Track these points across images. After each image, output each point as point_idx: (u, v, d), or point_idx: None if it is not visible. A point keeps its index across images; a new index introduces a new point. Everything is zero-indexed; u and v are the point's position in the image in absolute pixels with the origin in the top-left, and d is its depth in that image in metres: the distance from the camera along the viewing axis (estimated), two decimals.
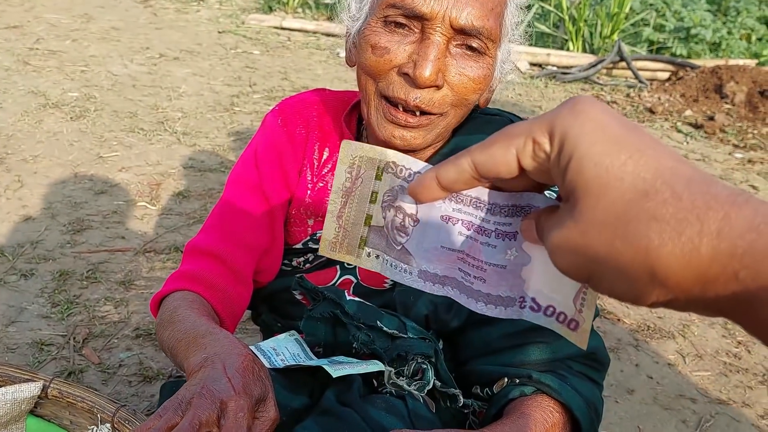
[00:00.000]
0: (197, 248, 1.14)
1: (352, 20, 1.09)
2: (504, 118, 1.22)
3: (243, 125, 3.86)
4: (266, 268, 1.18)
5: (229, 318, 1.11)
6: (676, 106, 5.30)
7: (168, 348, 0.98)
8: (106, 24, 5.63)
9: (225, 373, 0.78)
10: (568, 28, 6.49)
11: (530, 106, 5.04)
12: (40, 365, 1.89)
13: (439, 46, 0.98)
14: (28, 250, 2.44)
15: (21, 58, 4.50)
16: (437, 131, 1.07)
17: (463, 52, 1.01)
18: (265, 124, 1.21)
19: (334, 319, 1.04)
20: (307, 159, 1.19)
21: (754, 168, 4.36)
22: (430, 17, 0.97)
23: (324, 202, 1.17)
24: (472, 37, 0.99)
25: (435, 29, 0.98)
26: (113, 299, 2.23)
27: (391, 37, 1.01)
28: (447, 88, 1.02)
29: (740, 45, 6.79)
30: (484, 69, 1.03)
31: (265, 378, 0.82)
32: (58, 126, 3.53)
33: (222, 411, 0.75)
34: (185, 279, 1.10)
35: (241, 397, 0.76)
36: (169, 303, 1.06)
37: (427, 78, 0.97)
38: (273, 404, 0.80)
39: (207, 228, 1.17)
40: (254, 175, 1.17)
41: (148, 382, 1.89)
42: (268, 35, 6.02)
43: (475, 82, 1.03)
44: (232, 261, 1.12)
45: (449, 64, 1.00)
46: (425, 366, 1.04)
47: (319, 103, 1.22)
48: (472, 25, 0.98)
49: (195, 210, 2.89)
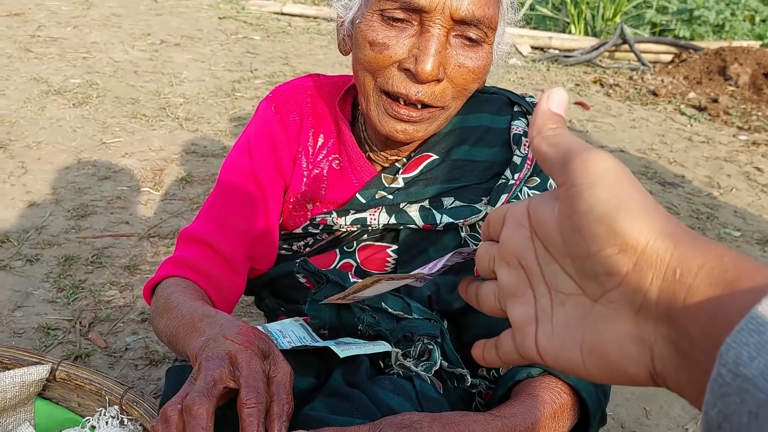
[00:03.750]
0: (190, 236, 1.14)
1: (345, 8, 1.07)
2: (501, 96, 1.21)
3: (245, 110, 3.85)
4: (261, 255, 1.18)
5: (223, 305, 1.12)
6: (679, 89, 5.28)
7: (166, 336, 0.98)
8: (107, 11, 5.61)
9: (226, 338, 0.79)
10: (570, 11, 6.45)
11: (532, 89, 5.02)
12: (46, 349, 1.90)
13: (440, 39, 0.96)
14: (33, 236, 2.44)
15: (23, 46, 4.49)
16: (438, 122, 1.07)
17: (462, 42, 0.99)
18: (259, 112, 1.20)
19: None
20: (301, 146, 1.18)
21: (758, 150, 4.34)
22: (429, 9, 0.95)
23: (320, 188, 1.17)
24: (472, 26, 0.97)
25: (434, 21, 0.96)
26: (118, 284, 2.24)
27: (389, 32, 0.98)
28: (447, 81, 1.00)
29: (744, 26, 6.76)
30: (483, 59, 1.02)
31: (266, 338, 0.83)
32: (61, 112, 3.53)
33: (233, 365, 0.75)
34: (178, 265, 1.10)
35: (248, 348, 0.77)
36: (163, 290, 1.06)
37: (430, 73, 0.96)
38: (281, 359, 0.81)
39: (200, 216, 1.17)
40: (247, 163, 1.16)
41: (154, 366, 1.90)
42: (269, 20, 5.99)
43: (475, 73, 1.01)
44: (225, 248, 1.12)
45: (449, 56, 0.99)
46: (432, 346, 1.04)
47: (313, 89, 1.21)
48: (473, 14, 0.96)
49: (198, 195, 2.89)
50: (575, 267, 0.46)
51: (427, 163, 1.14)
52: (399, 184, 1.13)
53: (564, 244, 0.46)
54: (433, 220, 1.11)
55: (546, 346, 0.50)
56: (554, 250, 0.48)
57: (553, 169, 0.48)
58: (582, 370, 0.47)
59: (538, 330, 0.51)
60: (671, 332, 0.41)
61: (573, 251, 0.46)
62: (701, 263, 0.39)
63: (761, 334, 0.34)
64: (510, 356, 0.55)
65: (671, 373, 0.41)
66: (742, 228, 3.32)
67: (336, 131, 1.19)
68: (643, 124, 4.61)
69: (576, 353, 0.47)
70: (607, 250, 0.42)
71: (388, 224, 1.12)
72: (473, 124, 1.16)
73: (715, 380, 0.35)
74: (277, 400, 0.77)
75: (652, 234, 0.41)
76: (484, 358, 0.59)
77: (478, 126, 1.15)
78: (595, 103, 4.91)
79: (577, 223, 0.44)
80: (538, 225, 0.50)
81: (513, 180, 1.11)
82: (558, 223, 0.47)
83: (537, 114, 0.51)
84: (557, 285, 0.49)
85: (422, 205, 1.12)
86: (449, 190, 1.12)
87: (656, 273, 0.41)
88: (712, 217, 3.40)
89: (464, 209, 1.11)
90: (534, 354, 0.51)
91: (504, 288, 0.55)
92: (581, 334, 0.47)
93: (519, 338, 0.53)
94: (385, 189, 1.13)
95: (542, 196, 0.50)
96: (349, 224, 1.13)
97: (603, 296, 0.44)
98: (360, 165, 1.16)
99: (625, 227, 0.41)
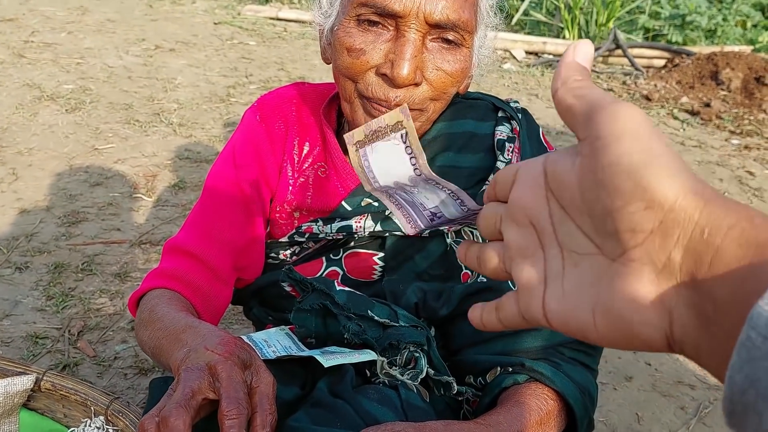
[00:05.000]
0: (175, 246, 1.14)
1: (324, 17, 1.08)
2: (486, 101, 1.21)
3: (239, 116, 3.84)
4: (248, 265, 1.18)
5: (209, 316, 1.11)
6: (672, 93, 5.29)
7: (149, 348, 0.97)
8: (101, 16, 5.60)
9: (206, 349, 0.78)
10: (564, 16, 6.47)
11: (527, 94, 5.03)
12: (34, 359, 1.89)
13: (415, 43, 0.96)
14: (23, 243, 2.43)
15: (16, 51, 4.48)
16: (419, 123, 1.07)
17: (440, 45, 1.00)
18: (244, 121, 1.20)
19: (324, 309, 1.04)
20: (287, 155, 1.18)
21: (750, 154, 4.35)
22: (404, 14, 0.95)
23: (306, 197, 1.17)
24: (448, 30, 0.97)
25: (410, 26, 0.96)
26: (108, 291, 2.23)
27: (366, 37, 0.99)
28: (425, 84, 1.01)
29: (736, 32, 6.78)
30: (461, 62, 1.02)
31: (248, 348, 0.83)
32: (54, 118, 3.52)
33: (213, 376, 0.75)
34: (163, 277, 1.10)
35: (228, 359, 0.77)
36: (147, 301, 1.06)
37: (406, 77, 0.96)
38: (264, 368, 0.80)
39: (186, 226, 1.17)
40: (232, 172, 1.16)
41: (143, 375, 1.89)
42: (264, 26, 6.00)
43: (453, 76, 1.02)
44: (210, 259, 1.12)
45: (426, 60, 0.99)
46: (418, 354, 1.03)
47: (298, 97, 1.21)
48: (447, 18, 0.96)
49: (191, 201, 2.88)
50: (594, 225, 0.44)
51: None
52: None
53: (583, 200, 0.45)
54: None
55: (554, 308, 0.48)
56: (572, 208, 0.46)
57: (576, 121, 0.46)
58: (593, 333, 0.45)
59: (547, 291, 0.49)
60: (694, 295, 0.39)
61: (594, 208, 0.44)
62: (732, 223, 0.38)
63: None
64: (512, 319, 0.53)
65: (691, 339, 0.40)
66: None
67: (321, 139, 1.18)
68: None
69: (587, 315, 0.45)
70: (632, 206, 0.40)
71: (374, 231, 1.12)
72: (458, 130, 1.16)
73: (743, 344, 0.33)
74: (260, 410, 0.77)
75: (682, 191, 0.39)
76: (483, 322, 0.56)
77: (462, 132, 1.16)
78: None
79: (600, 177, 0.42)
80: (554, 181, 0.48)
81: None
82: (579, 178, 0.45)
83: (562, 65, 0.49)
84: (572, 245, 0.47)
85: None
86: None
87: (683, 232, 0.39)
88: None
89: None
90: (540, 317, 0.49)
91: (511, 248, 0.52)
92: (595, 295, 0.45)
93: (524, 300, 0.51)
94: (371, 196, 1.13)
95: (561, 152, 0.49)
96: (335, 232, 1.13)
97: (623, 255, 0.42)
98: (345, 172, 1.16)
99: (654, 182, 0.40)
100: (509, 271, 0.53)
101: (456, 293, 1.08)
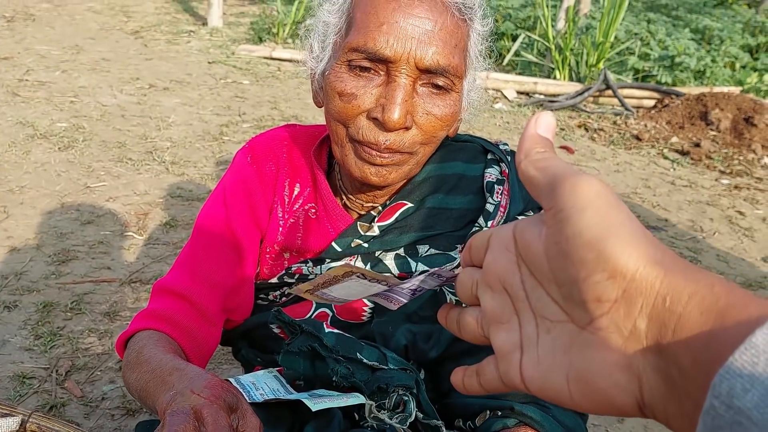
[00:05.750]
0: (164, 288, 1.13)
1: (316, 61, 1.09)
2: (475, 144, 1.22)
3: (232, 154, 3.86)
4: (237, 307, 1.17)
5: (197, 358, 1.11)
6: (662, 133, 5.35)
7: (136, 391, 0.96)
8: (96, 55, 5.66)
9: (192, 392, 0.78)
10: (555, 57, 6.56)
11: (518, 133, 5.07)
12: (21, 399, 1.86)
13: (406, 88, 0.98)
14: (12, 282, 2.42)
15: (10, 90, 4.51)
16: (410, 167, 1.08)
17: (429, 90, 1.01)
18: (235, 162, 1.21)
19: (313, 352, 1.03)
20: (277, 196, 1.18)
21: (740, 194, 4.39)
22: (394, 60, 0.97)
23: (296, 238, 1.17)
24: (438, 75, 0.99)
25: (400, 71, 0.97)
26: (97, 331, 2.21)
27: (357, 82, 1.00)
28: (415, 128, 1.02)
29: (724, 73, 6.88)
30: (450, 106, 1.03)
31: (235, 391, 0.82)
32: (46, 156, 3.53)
33: (198, 420, 0.74)
34: (151, 318, 1.09)
35: (214, 403, 0.76)
36: (135, 343, 1.05)
37: (396, 122, 0.97)
38: (250, 412, 0.79)
39: (175, 267, 1.16)
40: (222, 213, 1.16)
41: (131, 416, 1.87)
42: (258, 65, 6.06)
43: (443, 120, 1.03)
44: (199, 300, 1.11)
45: (416, 104, 1.00)
46: (407, 398, 1.02)
47: (289, 139, 1.22)
48: (438, 64, 0.97)
49: (182, 239, 2.87)
50: (562, 293, 0.45)
51: (402, 211, 1.14)
52: (374, 232, 1.14)
53: (551, 269, 0.45)
54: (408, 268, 1.11)
55: (531, 374, 0.48)
56: (541, 276, 0.47)
57: (540, 193, 0.47)
58: (568, 399, 0.46)
59: (523, 357, 0.49)
60: (660, 362, 0.40)
61: (560, 277, 0.45)
62: (692, 291, 0.38)
63: (755, 365, 0.33)
64: (492, 384, 0.53)
65: (660, 403, 0.40)
66: (726, 272, 3.33)
67: (312, 180, 1.19)
68: (627, 168, 4.65)
69: (562, 382, 0.46)
70: (595, 276, 0.41)
71: None
72: (447, 172, 1.17)
73: (707, 412, 0.34)
74: None
75: (642, 261, 0.40)
76: (464, 386, 0.57)
77: (452, 174, 1.17)
78: (579, 147, 4.96)
79: (564, 248, 0.43)
80: (524, 249, 0.49)
81: (486, 227, 1.12)
82: (545, 248, 0.46)
83: (525, 138, 0.51)
84: (543, 311, 0.48)
85: (397, 253, 1.13)
86: (424, 238, 1.13)
87: (646, 300, 0.40)
88: (696, 261, 3.41)
89: (439, 257, 1.12)
90: (518, 382, 0.50)
91: (488, 314, 0.53)
92: (567, 362, 0.45)
93: (503, 366, 0.51)
94: (361, 237, 1.14)
95: (528, 221, 0.50)
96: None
97: (591, 323, 0.43)
98: (336, 213, 1.16)
99: (615, 253, 0.41)
100: (487, 336, 0.54)
101: (445, 335, 1.08)
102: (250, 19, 7.77)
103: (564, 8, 7.01)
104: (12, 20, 6.41)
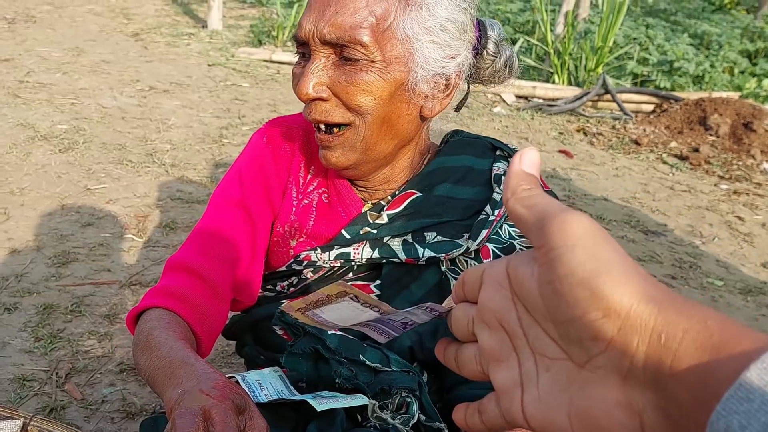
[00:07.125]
0: (176, 263, 1.14)
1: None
2: (483, 141, 1.24)
3: (231, 156, 3.86)
4: (246, 283, 1.17)
5: (206, 335, 1.11)
6: (661, 138, 5.36)
7: (145, 374, 0.97)
8: (96, 57, 5.66)
9: (201, 392, 0.78)
10: (554, 61, 6.58)
11: (517, 137, 5.08)
12: (21, 401, 1.86)
13: (315, 62, 1.03)
14: (12, 284, 2.42)
15: (11, 91, 4.51)
16: (357, 145, 1.08)
17: (342, 62, 1.04)
18: (251, 143, 1.23)
19: (316, 353, 1.04)
20: (292, 176, 1.21)
21: (740, 199, 4.40)
22: (306, 39, 1.03)
23: (308, 219, 1.19)
24: (343, 47, 1.02)
25: (313, 49, 1.04)
26: (97, 333, 2.21)
27: (298, 67, 1.08)
28: (334, 98, 1.05)
29: (723, 78, 6.90)
30: (365, 74, 1.02)
31: (242, 392, 0.82)
32: (47, 158, 3.53)
33: (207, 420, 0.74)
34: (163, 295, 1.10)
35: (222, 402, 0.76)
36: (146, 323, 1.05)
37: (303, 92, 1.03)
38: (257, 414, 0.80)
39: (187, 243, 1.17)
40: (237, 191, 1.18)
41: (131, 419, 1.87)
42: (258, 68, 6.06)
43: (356, 85, 1.02)
44: (211, 275, 1.12)
45: (332, 76, 1.04)
46: (410, 399, 1.03)
47: (305, 124, 1.23)
48: (335, 37, 1.01)
49: (181, 242, 2.87)
50: (559, 331, 0.45)
51: (411, 200, 1.17)
52: (383, 219, 1.17)
53: (546, 307, 0.45)
54: (415, 254, 1.13)
55: (533, 412, 0.48)
56: (536, 314, 0.47)
57: (529, 231, 0.47)
58: None
59: (524, 395, 0.49)
60: (660, 398, 0.40)
61: (555, 315, 0.44)
62: (686, 327, 0.38)
63: (751, 402, 0.33)
64: (494, 421, 0.53)
65: None
66: (725, 277, 3.34)
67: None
68: (626, 173, 4.66)
69: (564, 419, 0.46)
70: (590, 315, 0.41)
71: (371, 258, 1.13)
72: (455, 164, 1.19)
73: None
74: None
75: (635, 298, 0.40)
76: (467, 423, 0.56)
77: (460, 166, 1.19)
78: (578, 152, 4.97)
79: (558, 288, 0.43)
80: (518, 287, 0.48)
81: (493, 216, 1.14)
82: (538, 287, 0.46)
83: (510, 176, 0.51)
84: (541, 349, 0.47)
85: (405, 239, 1.15)
86: (432, 225, 1.15)
87: (641, 338, 0.40)
88: (695, 266, 3.42)
89: (446, 244, 1.13)
90: (521, 420, 0.49)
91: (486, 352, 0.53)
92: (568, 400, 0.45)
93: (504, 403, 0.51)
94: (370, 225, 1.16)
95: (521, 257, 0.49)
96: (332, 259, 1.14)
97: (589, 361, 0.43)
98: (349, 198, 1.18)
99: (607, 291, 0.41)
100: (486, 374, 0.54)
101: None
102: (249, 21, 7.78)
103: (563, 13, 7.04)
104: (13, 22, 6.41)
